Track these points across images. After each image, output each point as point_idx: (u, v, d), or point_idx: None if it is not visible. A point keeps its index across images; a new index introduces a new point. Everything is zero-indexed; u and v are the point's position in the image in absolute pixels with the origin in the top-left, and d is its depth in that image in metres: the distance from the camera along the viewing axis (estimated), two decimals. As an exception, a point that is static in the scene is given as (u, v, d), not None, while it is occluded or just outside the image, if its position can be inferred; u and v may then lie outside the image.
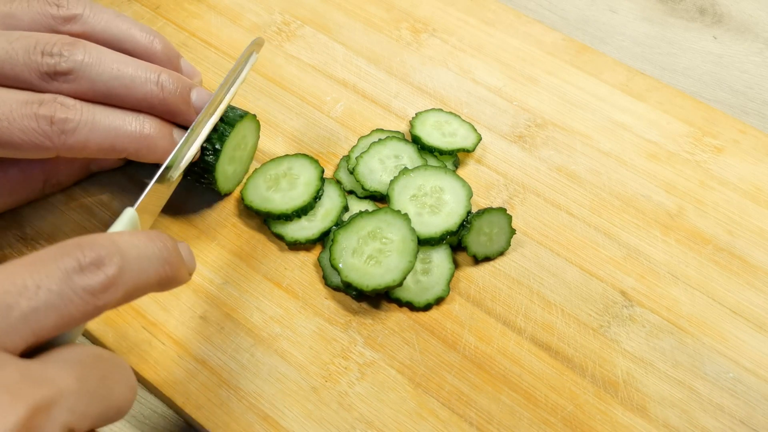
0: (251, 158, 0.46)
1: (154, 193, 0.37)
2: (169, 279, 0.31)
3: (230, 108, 0.42)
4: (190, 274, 0.33)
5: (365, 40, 0.55)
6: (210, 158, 0.41)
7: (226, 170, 0.43)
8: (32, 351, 0.25)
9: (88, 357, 0.26)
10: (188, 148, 0.39)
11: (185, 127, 0.41)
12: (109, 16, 0.40)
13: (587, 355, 0.40)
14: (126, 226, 0.33)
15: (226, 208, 0.45)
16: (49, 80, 0.36)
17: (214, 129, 0.41)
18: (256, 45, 0.44)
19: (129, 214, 0.33)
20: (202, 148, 0.41)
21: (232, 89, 0.42)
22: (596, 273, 0.44)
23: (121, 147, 0.37)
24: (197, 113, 0.40)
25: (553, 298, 0.42)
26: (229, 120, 0.42)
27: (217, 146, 0.41)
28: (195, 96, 0.40)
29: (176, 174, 0.38)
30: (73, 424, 0.24)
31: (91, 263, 0.26)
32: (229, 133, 0.41)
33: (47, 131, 0.35)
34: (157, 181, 0.37)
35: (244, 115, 0.43)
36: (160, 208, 0.39)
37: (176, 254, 0.31)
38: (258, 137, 0.46)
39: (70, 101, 0.36)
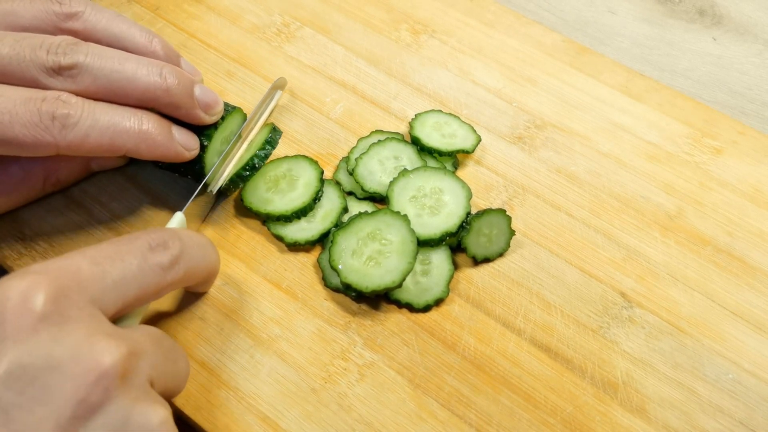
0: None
1: (197, 202, 0.42)
2: (214, 271, 0.38)
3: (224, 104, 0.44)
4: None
5: (365, 41, 0.55)
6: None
7: (213, 162, 0.43)
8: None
9: (156, 332, 0.32)
10: (224, 169, 0.43)
11: (185, 125, 0.41)
12: (110, 15, 0.40)
13: (587, 357, 0.40)
14: (177, 226, 0.38)
15: (226, 209, 0.45)
16: (54, 75, 0.36)
17: (214, 126, 0.42)
18: (281, 81, 0.49)
19: (179, 217, 0.39)
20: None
21: (260, 121, 0.46)
22: (596, 274, 0.44)
23: (121, 143, 0.38)
24: (201, 107, 0.41)
25: (552, 299, 0.42)
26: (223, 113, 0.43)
27: (205, 143, 0.42)
28: (199, 91, 0.41)
29: (216, 189, 0.43)
30: (153, 377, 0.30)
31: (159, 245, 0.33)
32: (221, 124, 0.43)
33: (48, 126, 0.35)
34: (197, 197, 0.41)
35: (233, 108, 0.44)
36: (200, 223, 0.43)
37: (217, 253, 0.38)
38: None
39: (73, 98, 0.36)
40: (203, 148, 0.41)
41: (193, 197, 0.41)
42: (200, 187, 0.41)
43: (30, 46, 0.36)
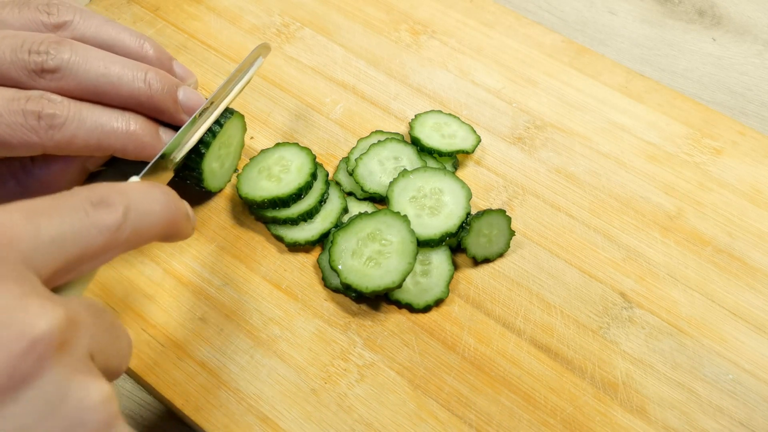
0: (239, 155, 0.46)
1: (153, 173, 0.38)
2: (172, 223, 0.33)
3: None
4: (193, 229, 0.35)
5: (365, 41, 0.55)
6: (195, 156, 0.41)
7: (212, 167, 0.43)
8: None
9: (98, 303, 0.28)
10: (188, 139, 0.40)
11: (172, 126, 0.41)
12: (99, 22, 0.40)
13: (587, 357, 0.40)
14: None
15: (226, 210, 0.45)
16: (37, 78, 0.36)
17: (212, 133, 0.41)
18: (263, 48, 0.45)
19: (134, 181, 0.35)
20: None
21: (235, 90, 0.42)
22: (595, 274, 0.44)
23: (108, 144, 0.38)
24: (184, 111, 0.40)
25: (552, 299, 0.42)
26: (219, 119, 0.42)
27: (202, 150, 0.41)
28: (182, 95, 0.40)
29: (178, 157, 0.40)
30: (94, 351, 0.26)
31: (101, 201, 0.29)
32: (219, 131, 0.42)
33: (35, 126, 0.35)
34: (157, 164, 0.38)
35: (232, 113, 0.43)
36: None
37: (178, 201, 0.33)
38: (243, 134, 0.46)
39: (57, 98, 0.36)
40: (201, 155, 0.41)
41: (152, 162, 0.38)
42: (161, 152, 0.39)
43: (10, 47, 0.36)
